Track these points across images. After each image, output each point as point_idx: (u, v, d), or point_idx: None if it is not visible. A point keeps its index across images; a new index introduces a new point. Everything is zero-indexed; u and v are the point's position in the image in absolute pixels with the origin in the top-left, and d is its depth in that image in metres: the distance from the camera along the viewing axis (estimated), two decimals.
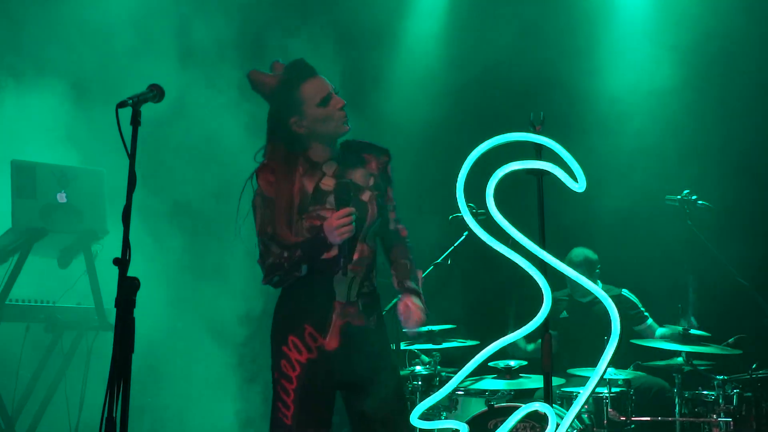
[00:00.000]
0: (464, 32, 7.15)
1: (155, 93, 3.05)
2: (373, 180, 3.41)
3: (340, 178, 3.30)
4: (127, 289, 2.80)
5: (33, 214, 5.29)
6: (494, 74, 6.98)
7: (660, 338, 5.49)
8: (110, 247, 5.28)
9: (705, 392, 4.98)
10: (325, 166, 3.36)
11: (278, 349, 3.32)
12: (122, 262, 2.81)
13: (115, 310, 2.80)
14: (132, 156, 2.90)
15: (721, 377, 4.89)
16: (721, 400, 4.85)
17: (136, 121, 2.94)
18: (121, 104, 2.95)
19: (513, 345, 5.61)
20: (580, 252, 6.04)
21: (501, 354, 5.02)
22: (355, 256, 3.31)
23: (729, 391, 4.84)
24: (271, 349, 3.36)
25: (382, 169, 3.46)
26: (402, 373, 5.12)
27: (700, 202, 5.29)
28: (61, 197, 5.39)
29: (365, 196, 3.35)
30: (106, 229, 5.48)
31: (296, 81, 3.31)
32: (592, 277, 5.90)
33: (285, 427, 3.26)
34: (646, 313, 5.93)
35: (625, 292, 5.97)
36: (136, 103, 2.96)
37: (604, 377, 4.58)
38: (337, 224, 3.18)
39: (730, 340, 5.05)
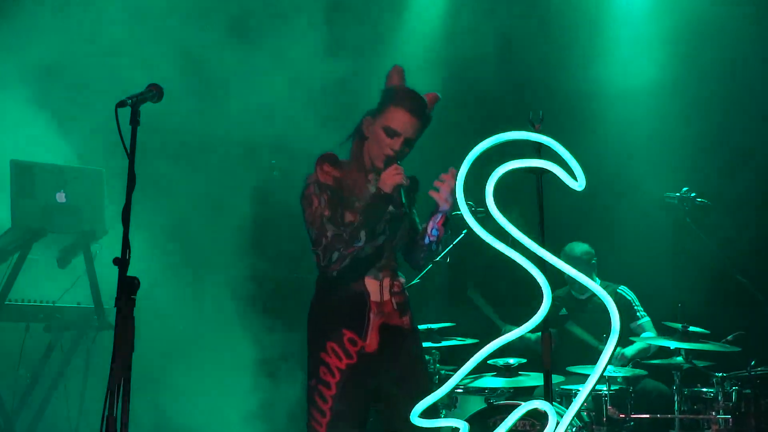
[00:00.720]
0: (460, 31, 7.15)
1: (154, 93, 3.06)
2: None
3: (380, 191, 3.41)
4: (128, 288, 2.80)
5: (32, 214, 5.29)
6: (494, 71, 6.99)
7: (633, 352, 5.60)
8: (110, 246, 5.28)
9: (704, 389, 4.98)
10: (370, 175, 3.47)
11: (316, 356, 3.34)
12: (122, 262, 2.82)
13: (115, 309, 2.80)
14: (131, 156, 2.91)
15: (720, 374, 4.89)
16: (720, 397, 4.85)
17: (135, 121, 2.95)
18: (121, 104, 2.95)
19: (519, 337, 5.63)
20: (575, 246, 6.04)
21: (502, 350, 5.04)
22: (384, 261, 3.41)
23: (728, 388, 4.85)
24: (308, 355, 3.39)
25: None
26: None
27: (699, 199, 5.29)
28: (61, 197, 5.39)
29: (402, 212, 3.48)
30: (105, 229, 5.48)
31: (396, 101, 3.42)
32: (589, 270, 5.91)
33: None
34: (640, 312, 5.92)
35: (622, 289, 5.96)
36: (135, 103, 2.97)
37: (604, 375, 4.58)
38: (391, 173, 3.31)
39: (729, 338, 5.06)
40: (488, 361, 4.80)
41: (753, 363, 4.87)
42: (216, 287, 6.08)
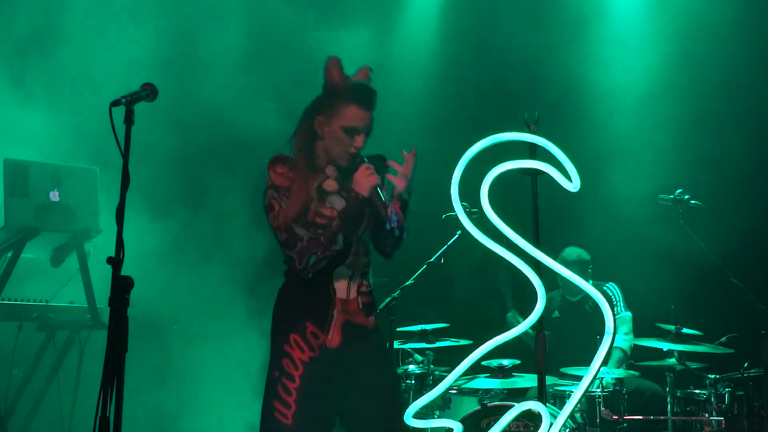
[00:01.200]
0: (458, 31, 7.17)
1: (149, 92, 3.05)
2: None
3: (341, 182, 3.36)
4: (121, 288, 2.80)
5: (26, 213, 5.28)
6: (490, 71, 6.99)
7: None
8: (103, 245, 5.27)
9: (697, 391, 4.99)
10: (327, 168, 3.41)
11: (279, 347, 3.32)
12: (116, 261, 2.81)
13: (108, 308, 2.80)
14: (125, 155, 2.90)
15: (713, 376, 4.90)
16: (713, 399, 4.87)
17: (129, 120, 2.94)
18: (115, 103, 2.95)
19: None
20: (573, 251, 6.03)
21: (495, 352, 5.03)
22: (352, 258, 3.36)
23: (721, 389, 4.86)
24: (272, 347, 3.36)
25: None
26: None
27: (692, 201, 5.29)
28: (54, 196, 5.37)
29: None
30: (99, 228, 5.47)
31: (349, 97, 3.35)
32: (584, 277, 5.90)
33: (284, 428, 3.24)
34: (618, 308, 5.87)
35: (608, 286, 5.93)
36: (129, 102, 2.96)
37: (597, 376, 4.58)
38: (364, 174, 3.28)
39: (722, 339, 5.07)
40: (482, 362, 4.81)
41: (746, 365, 4.89)
42: (219, 288, 6.08)
